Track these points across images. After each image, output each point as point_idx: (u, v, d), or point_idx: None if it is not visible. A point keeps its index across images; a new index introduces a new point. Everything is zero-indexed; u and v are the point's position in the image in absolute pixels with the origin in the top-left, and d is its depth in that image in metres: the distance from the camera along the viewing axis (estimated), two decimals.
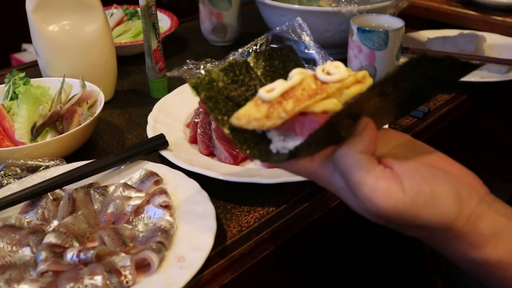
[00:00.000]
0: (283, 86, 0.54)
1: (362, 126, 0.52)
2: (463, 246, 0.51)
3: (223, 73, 0.61)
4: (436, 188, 0.49)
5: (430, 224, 0.49)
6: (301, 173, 0.56)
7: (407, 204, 0.48)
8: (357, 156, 0.50)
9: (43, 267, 0.61)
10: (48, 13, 1.00)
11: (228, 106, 0.59)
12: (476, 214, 0.50)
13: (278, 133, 0.56)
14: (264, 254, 0.70)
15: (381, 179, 0.48)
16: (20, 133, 0.88)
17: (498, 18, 1.42)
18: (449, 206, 0.49)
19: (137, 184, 0.77)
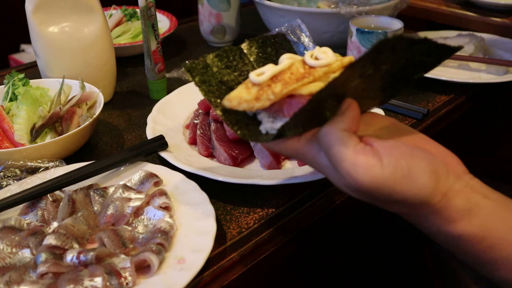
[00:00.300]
0: (272, 70, 0.56)
1: (345, 106, 0.55)
2: (439, 221, 0.53)
3: (217, 59, 0.64)
4: (413, 164, 0.52)
5: (407, 199, 0.52)
6: (288, 152, 0.59)
7: (385, 178, 0.50)
8: (339, 133, 0.53)
9: (43, 269, 0.61)
10: (47, 14, 1.00)
11: (221, 89, 0.61)
12: (453, 190, 0.53)
13: (268, 115, 0.58)
14: (264, 256, 0.70)
15: (360, 154, 0.51)
16: (19, 134, 0.88)
17: (496, 19, 1.42)
18: (425, 182, 0.51)
19: (137, 186, 0.77)
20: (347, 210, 0.83)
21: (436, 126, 1.02)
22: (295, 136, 0.57)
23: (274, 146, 0.59)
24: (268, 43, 0.69)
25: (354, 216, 0.92)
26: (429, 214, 0.54)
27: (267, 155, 0.83)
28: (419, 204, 0.53)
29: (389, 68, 0.54)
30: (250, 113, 0.61)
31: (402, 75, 0.58)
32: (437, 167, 0.53)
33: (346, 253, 1.01)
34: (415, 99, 1.08)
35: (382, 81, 0.57)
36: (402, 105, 1.03)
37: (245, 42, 0.67)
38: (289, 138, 0.57)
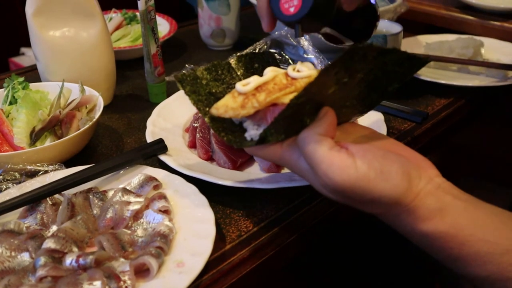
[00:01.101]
0: (257, 80, 0.60)
1: (322, 113, 0.59)
2: (412, 220, 0.56)
3: (207, 72, 0.68)
4: (386, 165, 0.55)
5: (381, 198, 0.55)
6: (271, 158, 0.64)
7: (359, 178, 0.54)
8: (316, 137, 0.56)
9: (42, 273, 0.60)
10: (48, 17, 1.00)
11: (210, 99, 0.65)
12: (425, 191, 0.56)
13: (253, 123, 0.62)
14: (264, 259, 0.70)
15: (336, 157, 0.55)
16: (19, 138, 0.88)
17: (496, 23, 1.43)
18: (398, 182, 0.55)
19: (136, 189, 0.77)
20: (346, 214, 0.83)
21: (435, 129, 1.02)
22: (278, 143, 0.61)
23: (257, 151, 0.64)
24: (255, 59, 0.72)
25: (354, 219, 0.92)
26: (402, 214, 0.57)
27: None
28: (392, 203, 0.56)
29: (363, 77, 0.58)
30: (236, 121, 0.65)
31: (376, 84, 0.61)
32: (409, 169, 0.57)
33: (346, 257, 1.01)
34: (415, 103, 1.08)
35: (358, 90, 0.60)
36: (401, 108, 1.03)
37: (234, 58, 0.71)
38: (271, 144, 0.61)
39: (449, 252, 0.56)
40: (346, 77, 0.56)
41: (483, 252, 0.54)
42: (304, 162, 0.59)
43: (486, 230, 0.55)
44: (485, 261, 0.54)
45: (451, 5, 1.57)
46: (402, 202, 0.56)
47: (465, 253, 0.55)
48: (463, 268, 0.56)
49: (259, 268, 0.69)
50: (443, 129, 1.04)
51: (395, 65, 0.58)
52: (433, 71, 1.21)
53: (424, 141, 0.98)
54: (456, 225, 0.55)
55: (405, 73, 0.60)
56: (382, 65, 0.57)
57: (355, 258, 1.04)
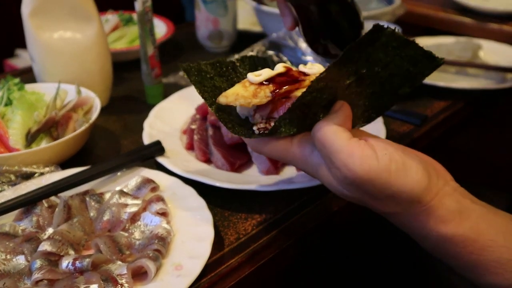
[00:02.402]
0: (269, 72, 0.59)
1: (337, 106, 0.57)
2: (430, 221, 0.54)
3: (211, 67, 0.66)
4: (407, 160, 0.53)
5: (401, 194, 0.52)
6: (278, 154, 0.60)
7: (380, 169, 0.51)
8: (334, 127, 0.54)
9: (38, 276, 0.60)
10: (44, 18, 1.00)
11: (215, 92, 0.64)
12: (443, 192, 0.54)
13: (262, 117, 0.60)
14: (263, 262, 0.69)
15: (356, 147, 0.52)
16: (14, 140, 0.87)
17: (494, 26, 1.43)
18: (419, 178, 0.53)
19: (134, 191, 0.77)
20: (345, 216, 0.82)
21: (434, 132, 1.01)
22: (287, 137, 0.59)
23: (264, 147, 0.60)
24: (258, 63, 0.71)
25: (353, 222, 0.92)
26: (421, 214, 0.54)
27: (265, 160, 0.83)
28: (411, 201, 0.53)
29: (380, 72, 0.57)
30: (243, 116, 0.63)
31: (390, 84, 0.60)
32: (428, 168, 0.55)
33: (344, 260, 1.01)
34: (413, 105, 1.08)
35: (372, 89, 0.60)
36: (400, 110, 1.03)
37: (237, 57, 0.70)
38: (281, 139, 0.59)
39: (468, 258, 0.53)
40: (365, 68, 0.55)
41: (505, 259, 0.52)
42: (316, 157, 0.56)
43: (507, 237, 0.53)
44: (506, 269, 0.52)
45: (449, 8, 1.57)
46: (422, 200, 0.53)
47: (484, 260, 0.53)
48: (481, 276, 0.54)
49: (257, 271, 0.69)
50: (442, 131, 1.03)
51: (410, 63, 0.57)
52: (431, 74, 1.20)
53: (423, 143, 0.97)
54: (476, 229, 0.53)
55: (417, 75, 0.60)
56: (399, 61, 0.56)
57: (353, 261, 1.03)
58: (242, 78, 0.67)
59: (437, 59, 0.58)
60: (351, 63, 0.54)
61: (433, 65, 0.59)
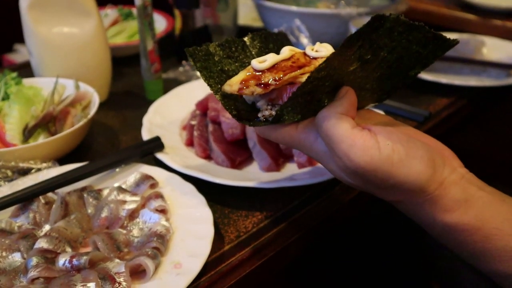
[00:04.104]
0: (274, 58, 0.57)
1: (342, 92, 0.56)
2: (434, 210, 0.54)
3: (220, 48, 0.65)
4: (410, 150, 0.52)
5: (403, 184, 0.52)
6: (285, 140, 0.59)
7: (382, 160, 0.51)
8: (337, 115, 0.53)
9: (34, 273, 0.59)
10: (42, 11, 0.99)
11: (221, 77, 0.63)
12: (449, 181, 0.54)
13: (267, 103, 0.59)
14: (263, 260, 0.68)
15: (358, 136, 0.52)
16: (11, 134, 0.86)
17: (497, 22, 1.42)
18: (423, 168, 0.52)
19: (132, 188, 0.76)
20: (347, 214, 0.81)
21: (437, 129, 1.00)
22: (293, 124, 0.58)
23: (270, 133, 0.60)
24: (270, 39, 0.69)
25: (354, 219, 0.91)
26: (425, 203, 0.54)
27: (266, 157, 0.82)
28: (415, 191, 0.53)
29: (386, 56, 0.55)
30: (249, 101, 0.62)
31: (398, 67, 0.58)
32: (434, 156, 0.54)
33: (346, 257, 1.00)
34: (416, 102, 1.07)
35: (380, 72, 0.58)
36: (403, 108, 1.02)
37: (248, 35, 0.68)
38: (286, 125, 0.58)
39: (473, 246, 0.53)
40: (369, 54, 0.54)
41: (510, 247, 0.52)
42: (321, 144, 0.56)
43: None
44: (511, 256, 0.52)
45: (452, 4, 1.56)
46: (426, 190, 0.53)
47: (490, 248, 0.52)
48: (487, 264, 0.53)
49: (258, 269, 0.68)
50: (446, 128, 1.03)
51: (419, 45, 0.55)
52: (434, 71, 1.20)
53: None
54: (482, 218, 0.52)
55: (428, 56, 0.58)
56: (407, 44, 0.54)
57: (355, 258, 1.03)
58: (251, 58, 0.66)
59: (449, 40, 0.55)
60: (353, 51, 0.52)
61: (445, 45, 0.56)
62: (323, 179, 0.77)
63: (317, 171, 0.79)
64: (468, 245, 0.54)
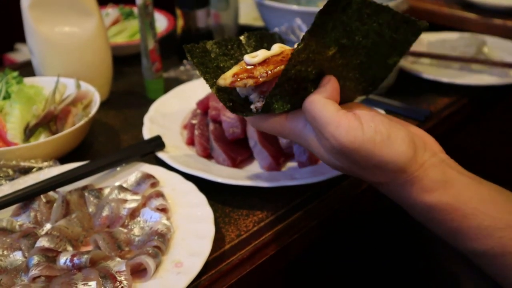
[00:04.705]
0: (265, 53, 0.61)
1: (325, 80, 0.59)
2: (415, 190, 0.57)
3: (216, 46, 0.68)
4: (392, 132, 0.56)
5: (386, 164, 0.55)
6: (275, 129, 0.63)
7: (365, 140, 0.54)
8: (322, 100, 0.57)
9: (35, 272, 0.59)
10: (44, 10, 0.99)
11: (217, 72, 0.66)
12: (429, 163, 0.57)
13: (259, 96, 0.62)
14: (264, 259, 0.69)
15: (343, 118, 0.55)
16: (12, 134, 0.86)
17: (498, 21, 1.41)
18: (404, 149, 0.55)
19: (133, 187, 0.76)
20: (347, 213, 0.81)
21: (438, 128, 1.00)
22: (283, 113, 0.61)
23: (262, 123, 0.63)
24: (265, 39, 0.73)
25: (355, 219, 0.91)
26: (406, 184, 0.57)
27: (267, 156, 0.82)
28: (396, 171, 0.56)
29: (361, 41, 0.59)
30: (242, 95, 0.65)
31: (376, 54, 0.62)
32: (414, 139, 0.57)
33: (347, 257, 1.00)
34: (417, 101, 1.07)
35: (359, 59, 0.61)
36: (404, 107, 1.02)
37: (244, 34, 0.71)
38: (277, 115, 0.61)
39: (450, 225, 0.56)
40: (345, 38, 0.57)
41: (485, 226, 0.54)
42: (309, 130, 0.59)
43: (489, 205, 0.55)
44: (486, 234, 0.54)
45: (453, 3, 1.55)
46: (407, 170, 0.56)
47: (466, 226, 0.55)
48: (463, 242, 0.56)
49: (259, 268, 0.68)
50: (446, 127, 1.02)
51: (391, 29, 0.59)
52: (435, 70, 1.20)
53: None
54: (460, 198, 0.55)
55: (402, 41, 0.61)
56: (378, 28, 0.58)
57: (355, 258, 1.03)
58: None
59: (419, 23, 0.60)
60: (326, 32, 0.56)
61: (416, 29, 0.61)
62: (324, 178, 0.77)
63: (318, 170, 0.79)
64: (446, 224, 0.56)
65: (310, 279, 0.91)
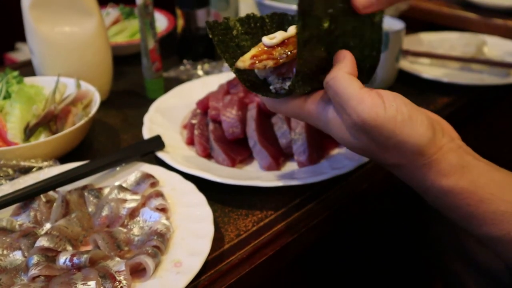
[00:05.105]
0: (283, 35, 0.61)
1: (341, 55, 0.60)
2: (433, 174, 0.57)
3: (239, 23, 0.67)
4: (413, 113, 0.56)
5: (405, 144, 0.55)
6: (295, 112, 0.63)
7: (387, 119, 0.54)
8: (346, 76, 0.57)
9: (34, 272, 0.59)
10: (44, 10, 0.99)
11: (236, 52, 0.66)
12: (447, 147, 0.57)
13: (277, 78, 0.63)
14: (263, 259, 0.68)
15: (366, 95, 0.55)
16: (12, 133, 0.86)
17: (498, 21, 1.41)
18: (424, 130, 0.56)
19: (133, 187, 0.76)
20: (347, 213, 0.81)
21: None
22: (302, 96, 0.61)
23: (281, 106, 0.63)
24: (286, 21, 0.72)
25: (355, 219, 0.91)
26: (424, 167, 0.57)
27: (266, 156, 0.82)
28: (415, 152, 0.56)
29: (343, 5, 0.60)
30: (261, 77, 0.65)
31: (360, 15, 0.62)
32: (433, 123, 0.57)
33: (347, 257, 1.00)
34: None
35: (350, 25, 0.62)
36: None
37: (268, 15, 0.70)
38: (295, 97, 0.61)
39: (466, 209, 0.56)
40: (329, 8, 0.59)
41: (501, 211, 0.55)
42: (330, 111, 0.59)
43: (506, 191, 0.55)
44: (502, 220, 0.54)
45: (453, 3, 1.55)
46: (425, 153, 0.56)
47: (482, 211, 0.55)
48: (478, 227, 0.56)
49: (258, 268, 0.68)
50: None
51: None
52: (435, 69, 1.20)
53: None
54: (477, 183, 0.56)
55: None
56: None
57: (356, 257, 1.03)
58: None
59: None
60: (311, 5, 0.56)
61: None
62: (324, 178, 0.77)
63: (318, 170, 0.80)
64: (462, 208, 0.57)
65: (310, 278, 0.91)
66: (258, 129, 0.83)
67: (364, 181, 0.82)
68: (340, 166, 0.80)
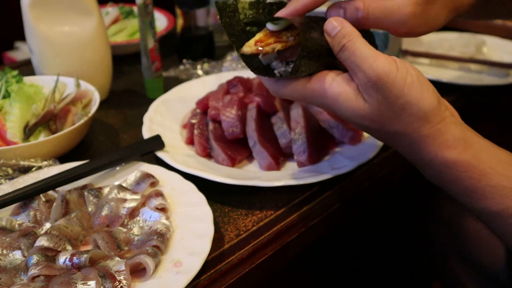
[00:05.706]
0: (287, 21, 0.63)
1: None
2: (437, 145, 0.58)
3: (248, 7, 0.68)
4: (421, 77, 0.59)
5: (412, 106, 0.57)
6: (299, 93, 0.63)
7: (398, 77, 0.57)
8: (361, 39, 0.59)
9: (34, 271, 0.59)
10: (44, 9, 0.99)
11: (241, 36, 0.66)
12: (450, 120, 0.59)
13: (280, 63, 0.64)
14: (263, 259, 0.69)
15: (381, 55, 0.58)
16: (12, 133, 0.86)
17: (497, 22, 1.41)
18: (430, 95, 0.58)
19: (133, 186, 0.76)
20: (347, 213, 0.81)
21: None
22: (305, 77, 0.62)
23: (285, 88, 0.64)
24: None
25: (354, 218, 0.91)
26: (428, 137, 0.58)
27: (266, 156, 0.82)
28: (421, 117, 0.57)
29: None
30: (265, 63, 0.66)
31: None
32: (438, 94, 0.60)
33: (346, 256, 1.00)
34: None
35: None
36: None
37: (276, 1, 0.70)
38: (299, 78, 0.62)
39: (467, 183, 0.57)
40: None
41: (502, 185, 0.56)
42: (335, 87, 0.60)
43: (506, 167, 0.57)
44: (502, 194, 0.56)
45: None
46: (430, 119, 0.58)
47: (483, 185, 0.57)
48: (478, 201, 0.58)
49: (258, 268, 0.68)
50: None
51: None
52: (435, 70, 1.20)
53: None
54: (479, 157, 0.57)
55: None
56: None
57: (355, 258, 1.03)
58: None
59: None
60: None
61: None
62: (323, 178, 0.77)
63: (317, 170, 0.80)
64: (463, 182, 0.58)
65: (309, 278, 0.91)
66: (258, 129, 0.83)
67: (364, 181, 0.82)
68: (340, 166, 0.80)
